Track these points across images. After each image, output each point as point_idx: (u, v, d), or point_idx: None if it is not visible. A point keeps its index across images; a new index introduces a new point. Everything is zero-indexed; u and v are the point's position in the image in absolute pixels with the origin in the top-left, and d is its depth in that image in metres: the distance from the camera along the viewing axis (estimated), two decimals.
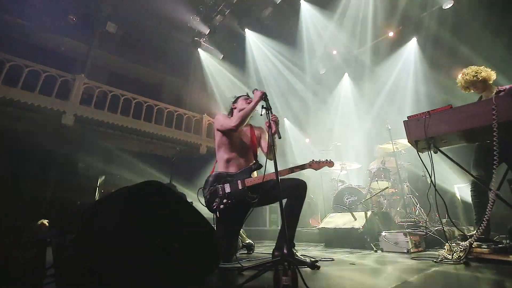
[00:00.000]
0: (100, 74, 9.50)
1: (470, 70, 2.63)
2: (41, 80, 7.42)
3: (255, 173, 2.33)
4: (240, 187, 2.15)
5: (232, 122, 2.27)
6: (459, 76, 2.72)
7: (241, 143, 2.41)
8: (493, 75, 2.59)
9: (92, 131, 8.23)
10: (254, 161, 2.37)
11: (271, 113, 2.00)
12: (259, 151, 2.51)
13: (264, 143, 2.48)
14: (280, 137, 1.96)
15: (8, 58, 7.08)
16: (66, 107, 7.63)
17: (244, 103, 2.47)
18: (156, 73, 11.41)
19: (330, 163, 2.23)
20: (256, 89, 2.29)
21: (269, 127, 1.90)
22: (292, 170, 2.18)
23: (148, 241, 1.11)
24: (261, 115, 2.07)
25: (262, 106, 2.04)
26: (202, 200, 2.22)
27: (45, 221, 4.24)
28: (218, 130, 2.38)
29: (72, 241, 1.46)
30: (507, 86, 2.50)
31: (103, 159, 7.96)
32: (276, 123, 2.08)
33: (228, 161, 2.33)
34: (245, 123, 2.30)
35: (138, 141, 9.24)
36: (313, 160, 2.24)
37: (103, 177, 6.35)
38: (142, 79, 11.33)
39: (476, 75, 2.58)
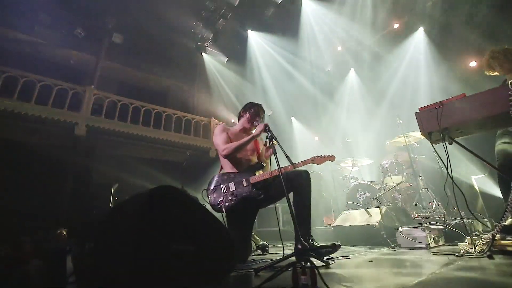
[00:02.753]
0: (109, 84, 9.71)
1: (499, 48, 2.51)
2: (53, 94, 7.65)
3: (260, 172, 2.36)
4: (244, 184, 2.18)
5: (223, 151, 2.34)
6: (487, 54, 2.58)
7: (244, 151, 2.49)
8: None
9: (104, 140, 8.42)
10: (257, 161, 2.45)
11: (276, 141, 2.07)
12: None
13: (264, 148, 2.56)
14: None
15: (21, 75, 7.33)
16: (78, 118, 7.84)
17: (247, 124, 2.58)
18: (163, 80, 11.58)
19: (331, 157, 2.30)
20: (259, 123, 2.42)
21: (273, 150, 2.01)
22: (295, 165, 2.19)
23: (165, 245, 1.12)
24: (265, 145, 2.16)
25: (267, 136, 2.10)
26: (207, 201, 2.28)
27: (64, 231, 4.35)
28: None
29: (90, 249, 1.49)
30: None
31: (115, 167, 8.11)
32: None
33: (232, 163, 2.40)
34: (235, 154, 2.37)
35: (149, 148, 9.38)
36: (314, 156, 2.32)
37: (117, 185, 6.46)
38: (150, 87, 11.51)
39: (506, 54, 2.46)
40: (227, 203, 2.14)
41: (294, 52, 8.34)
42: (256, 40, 8.57)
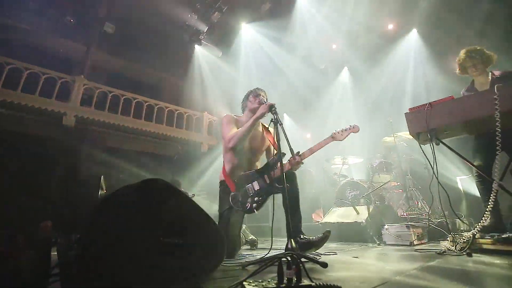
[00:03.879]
0: (99, 75, 9.51)
1: (476, 48, 2.50)
2: (41, 83, 7.44)
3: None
4: (268, 181, 2.11)
5: (229, 142, 2.21)
6: (462, 54, 2.55)
7: (254, 141, 2.38)
8: (495, 58, 2.51)
9: (93, 131, 8.26)
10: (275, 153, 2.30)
11: (281, 126, 1.88)
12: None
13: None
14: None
15: (7, 61, 7.08)
16: (66, 108, 7.65)
17: (254, 103, 2.38)
18: (156, 72, 11.40)
19: (354, 129, 2.19)
20: (265, 102, 2.22)
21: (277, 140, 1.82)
22: (312, 150, 2.13)
23: (153, 238, 1.12)
24: (268, 128, 1.99)
25: (271, 119, 1.93)
26: (225, 205, 2.20)
27: (49, 222, 4.27)
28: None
29: (77, 240, 1.48)
30: (500, 72, 2.46)
31: (104, 160, 7.98)
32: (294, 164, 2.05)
33: (240, 161, 2.30)
34: (243, 142, 2.23)
35: (139, 140, 9.26)
36: (335, 131, 2.20)
37: (105, 177, 6.37)
38: (142, 79, 11.32)
39: (482, 55, 2.46)
40: (254, 204, 2.09)
41: (288, 48, 8.32)
42: (251, 35, 8.51)
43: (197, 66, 10.21)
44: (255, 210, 2.09)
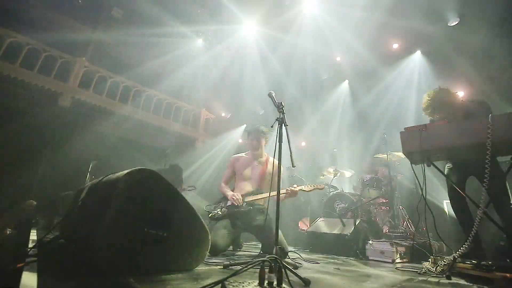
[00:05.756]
0: (101, 59, 9.39)
1: (447, 93, 2.42)
2: (40, 59, 7.32)
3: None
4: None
5: (220, 185, 2.85)
6: (432, 95, 2.43)
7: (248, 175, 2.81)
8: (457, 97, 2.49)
9: (88, 115, 8.14)
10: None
11: (286, 128, 1.84)
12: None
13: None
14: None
15: (8, 34, 6.95)
16: (64, 88, 7.53)
17: (248, 143, 2.88)
18: (158, 63, 11.32)
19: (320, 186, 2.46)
20: (252, 139, 2.83)
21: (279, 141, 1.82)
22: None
23: (136, 228, 1.11)
24: (272, 126, 1.95)
25: (277, 118, 1.88)
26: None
27: (33, 202, 4.18)
28: None
29: (58, 223, 1.45)
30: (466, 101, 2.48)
31: (96, 144, 7.87)
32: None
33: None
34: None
35: (134, 129, 9.16)
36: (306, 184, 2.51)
37: (95, 162, 6.28)
38: (144, 68, 11.21)
39: (453, 100, 2.38)
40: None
41: (291, 55, 8.35)
42: (256, 37, 8.53)
43: (200, 62, 10.20)
44: None
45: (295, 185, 2.44)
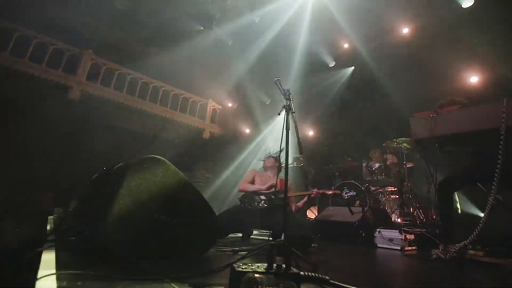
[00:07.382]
0: (108, 51, 9.42)
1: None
2: (48, 53, 7.40)
3: None
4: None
5: (239, 186, 3.00)
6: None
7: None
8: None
9: (97, 108, 8.25)
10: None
11: (293, 115, 1.80)
12: None
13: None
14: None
15: (15, 28, 7.02)
16: (73, 82, 7.63)
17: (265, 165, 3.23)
18: (165, 55, 11.28)
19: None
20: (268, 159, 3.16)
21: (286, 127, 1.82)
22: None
23: (147, 214, 1.13)
24: (279, 114, 1.90)
25: (283, 105, 1.83)
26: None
27: (50, 194, 4.33)
28: None
29: (73, 210, 1.50)
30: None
31: (106, 136, 8.00)
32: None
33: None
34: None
35: (142, 121, 9.26)
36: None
37: (106, 154, 6.42)
38: (150, 60, 11.20)
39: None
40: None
41: (298, 42, 8.18)
42: (264, 26, 8.38)
43: (206, 53, 10.11)
44: None
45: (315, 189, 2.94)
